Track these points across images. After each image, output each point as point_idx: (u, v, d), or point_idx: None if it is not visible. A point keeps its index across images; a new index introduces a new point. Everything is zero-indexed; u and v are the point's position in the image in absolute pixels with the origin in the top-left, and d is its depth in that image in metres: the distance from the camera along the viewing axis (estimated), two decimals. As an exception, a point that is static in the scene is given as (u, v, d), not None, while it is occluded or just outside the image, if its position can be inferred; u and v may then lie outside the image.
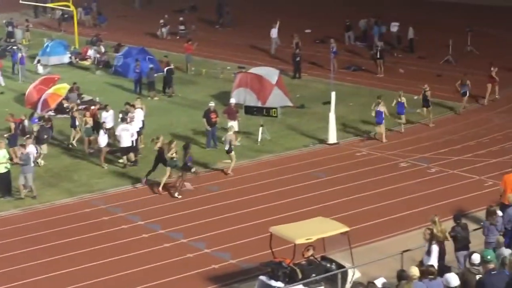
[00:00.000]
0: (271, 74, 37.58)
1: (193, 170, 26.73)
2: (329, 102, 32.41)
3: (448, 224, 19.36)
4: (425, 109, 34.12)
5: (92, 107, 33.33)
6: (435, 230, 18.51)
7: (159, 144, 27.00)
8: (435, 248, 17.84)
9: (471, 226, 20.16)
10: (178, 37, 55.78)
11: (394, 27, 50.82)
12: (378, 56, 43.81)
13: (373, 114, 32.06)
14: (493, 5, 64.68)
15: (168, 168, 26.69)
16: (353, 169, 28.55)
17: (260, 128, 31.70)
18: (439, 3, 68.81)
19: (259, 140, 31.71)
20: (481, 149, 30.35)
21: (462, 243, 18.72)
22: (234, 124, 31.28)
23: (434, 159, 29.33)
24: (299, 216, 22.10)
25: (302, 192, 26.22)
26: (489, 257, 14.50)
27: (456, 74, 39.72)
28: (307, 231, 18.47)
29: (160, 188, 26.76)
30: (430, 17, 59.97)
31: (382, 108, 31.81)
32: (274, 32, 49.96)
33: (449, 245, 18.82)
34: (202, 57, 48.61)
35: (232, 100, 33.03)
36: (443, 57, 45.92)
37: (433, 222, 18.53)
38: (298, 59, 43.65)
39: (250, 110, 32.59)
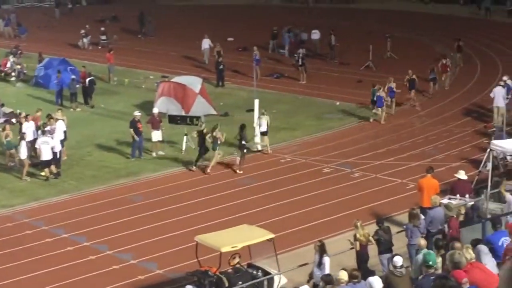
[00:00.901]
0: (194, 82, 37.58)
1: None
2: (252, 110, 32.57)
3: (372, 228, 19.64)
4: (412, 91, 37.99)
5: (37, 114, 32.85)
6: (358, 235, 18.80)
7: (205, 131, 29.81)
8: (327, 260, 17.93)
9: (394, 229, 20.47)
10: (100, 47, 55.31)
11: (315, 34, 51.36)
12: (300, 63, 44.15)
13: (374, 98, 35.45)
14: (408, 10, 66.01)
15: (216, 152, 29.26)
16: (278, 175, 28.72)
17: (184, 137, 31.66)
18: (359, 10, 69.91)
19: (183, 149, 31.66)
20: (403, 152, 30.87)
21: (385, 246, 19.03)
22: (157, 134, 31.27)
23: (357, 163, 29.71)
24: (225, 224, 22.11)
25: (228, 200, 26.27)
26: (430, 262, 14.64)
27: (377, 79, 40.33)
28: (232, 239, 18.50)
29: (209, 170, 29.27)
30: (350, 24, 60.79)
31: (382, 93, 35.41)
32: (205, 43, 49.54)
33: (373, 248, 19.12)
34: (125, 67, 48.33)
35: (155, 110, 32.90)
36: (364, 63, 46.59)
37: (355, 227, 18.82)
38: (221, 67, 43.72)
39: (173, 119, 32.49)
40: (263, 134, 31.64)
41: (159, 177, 29.03)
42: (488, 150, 23.92)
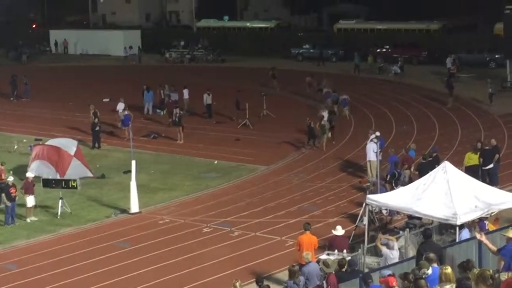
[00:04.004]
0: (69, 145, 36.80)
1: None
2: (129, 171, 32.23)
3: (252, 287, 19.56)
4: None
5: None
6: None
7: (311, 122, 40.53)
8: None
9: (274, 287, 20.45)
10: (-32, 110, 53.79)
11: (185, 93, 51.54)
12: (177, 123, 43.96)
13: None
14: (285, 68, 67.29)
15: (325, 135, 40.02)
16: (157, 237, 28.34)
17: (60, 201, 30.98)
18: (232, 68, 70.80)
19: (58, 213, 30.95)
20: (281, 210, 30.98)
21: (265, 305, 18.93)
22: (31, 199, 30.53)
23: (236, 222, 29.65)
24: (103, 290, 21.66)
25: (106, 264, 25.72)
26: None
27: (254, 137, 40.76)
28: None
29: (324, 148, 39.65)
30: (224, 83, 61.35)
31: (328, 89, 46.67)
32: (120, 106, 48.39)
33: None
34: (-5, 131, 47.11)
35: (30, 174, 32.10)
36: (241, 122, 46.87)
37: (234, 287, 18.67)
38: (97, 128, 43.13)
39: (48, 183, 31.79)
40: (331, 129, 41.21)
41: (33, 244, 28.22)
42: (364, 204, 24.37)
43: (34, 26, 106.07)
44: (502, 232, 18.48)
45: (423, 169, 28.50)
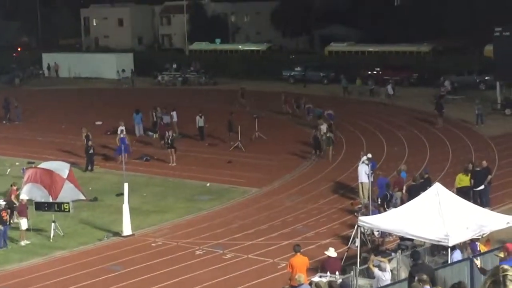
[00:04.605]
0: (61, 168, 36.88)
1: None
2: (122, 194, 32.26)
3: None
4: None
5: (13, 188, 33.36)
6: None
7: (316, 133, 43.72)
8: None
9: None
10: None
11: (174, 116, 51.74)
12: (169, 145, 44.04)
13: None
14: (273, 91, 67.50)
15: (330, 147, 42.61)
16: (150, 260, 28.35)
17: (52, 224, 30.97)
18: (225, 91, 70.97)
19: (51, 236, 30.93)
20: (273, 232, 31.02)
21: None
22: (25, 222, 30.51)
23: (229, 244, 29.68)
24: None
25: (98, 287, 25.75)
26: None
27: (247, 160, 40.76)
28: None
29: (330, 159, 42.22)
30: (216, 105, 61.52)
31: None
32: (120, 130, 48.42)
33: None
34: (-12, 154, 47.08)
35: (24, 196, 32.16)
36: (233, 144, 46.96)
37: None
38: (91, 151, 43.15)
39: (41, 206, 31.79)
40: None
41: (26, 267, 28.18)
42: (356, 226, 24.44)
43: (19, 49, 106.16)
44: (495, 252, 18.62)
45: (415, 191, 28.61)
